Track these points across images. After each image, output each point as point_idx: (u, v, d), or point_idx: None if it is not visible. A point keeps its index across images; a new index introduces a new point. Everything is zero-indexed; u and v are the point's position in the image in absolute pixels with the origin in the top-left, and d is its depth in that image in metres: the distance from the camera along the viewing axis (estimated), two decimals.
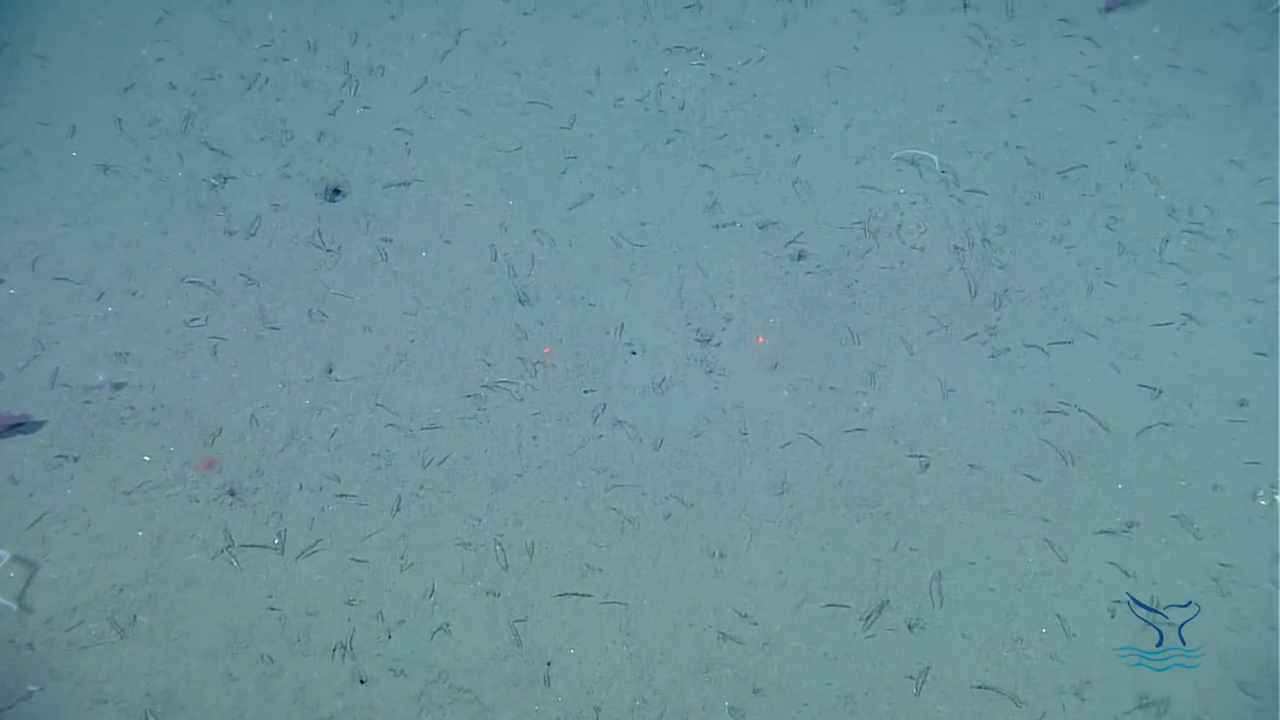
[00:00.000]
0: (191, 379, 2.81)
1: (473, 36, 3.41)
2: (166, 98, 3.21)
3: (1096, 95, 3.38)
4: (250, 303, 2.94)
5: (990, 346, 3.02)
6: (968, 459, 2.83)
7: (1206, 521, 2.76)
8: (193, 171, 3.12)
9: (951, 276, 3.11)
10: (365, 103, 3.27)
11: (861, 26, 3.51)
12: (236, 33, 3.32)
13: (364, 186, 3.15)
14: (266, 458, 2.73)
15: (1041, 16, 3.53)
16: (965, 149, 3.32)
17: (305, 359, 2.88)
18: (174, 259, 2.97)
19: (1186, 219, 3.20)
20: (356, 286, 3.00)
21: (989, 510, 2.77)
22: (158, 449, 2.72)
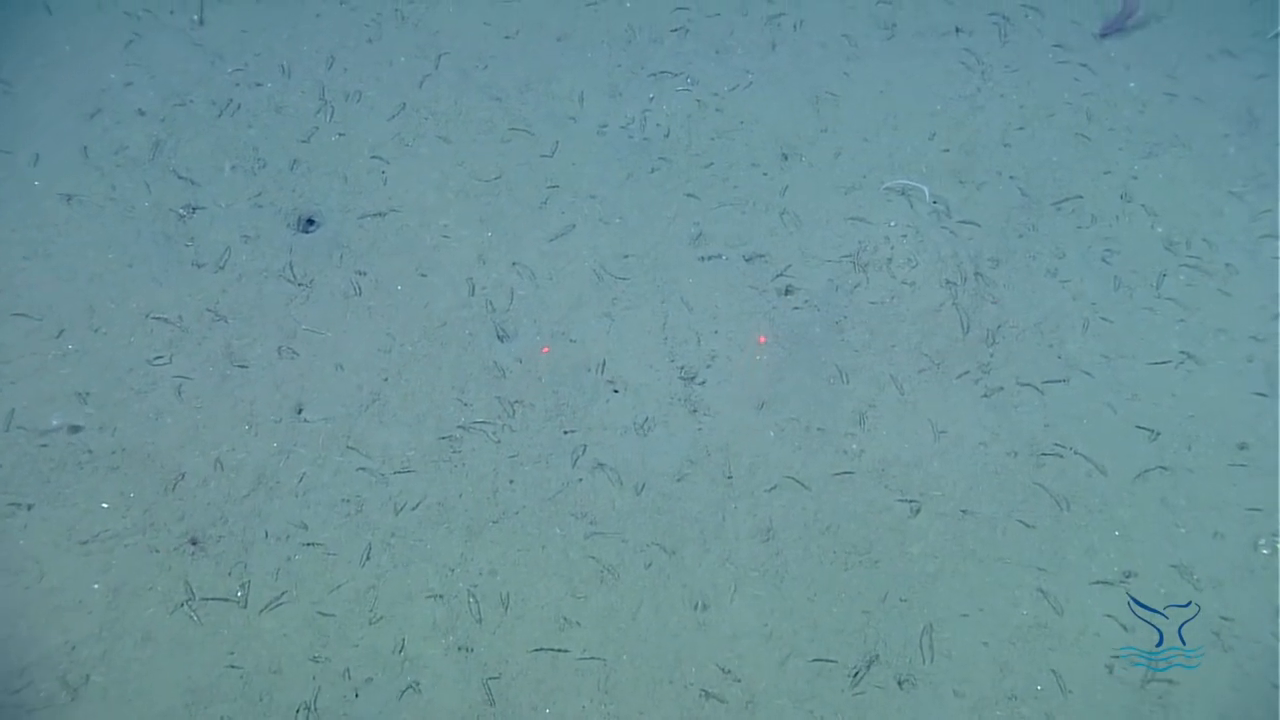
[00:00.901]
0: (154, 421, 2.64)
1: (452, 60, 3.24)
2: (135, 124, 3.03)
3: (1092, 123, 3.21)
4: (217, 340, 2.76)
5: (983, 385, 2.86)
6: (960, 504, 2.66)
7: (1206, 571, 2.60)
8: (160, 201, 2.94)
9: (943, 312, 2.94)
10: (340, 129, 3.10)
11: (851, 51, 3.34)
12: (209, 56, 3.14)
13: (338, 217, 2.97)
14: (231, 504, 2.56)
15: (1035, 42, 3.36)
16: (957, 178, 3.15)
17: (274, 399, 2.70)
18: (139, 293, 2.79)
19: (1184, 252, 3.03)
20: (329, 322, 2.82)
21: (982, 559, 2.60)
22: (117, 495, 2.54)
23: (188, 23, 3.17)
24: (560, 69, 3.22)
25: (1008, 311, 2.92)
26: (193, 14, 3.14)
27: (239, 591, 2.42)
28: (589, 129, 3.12)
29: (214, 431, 2.60)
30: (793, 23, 3.33)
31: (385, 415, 2.66)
